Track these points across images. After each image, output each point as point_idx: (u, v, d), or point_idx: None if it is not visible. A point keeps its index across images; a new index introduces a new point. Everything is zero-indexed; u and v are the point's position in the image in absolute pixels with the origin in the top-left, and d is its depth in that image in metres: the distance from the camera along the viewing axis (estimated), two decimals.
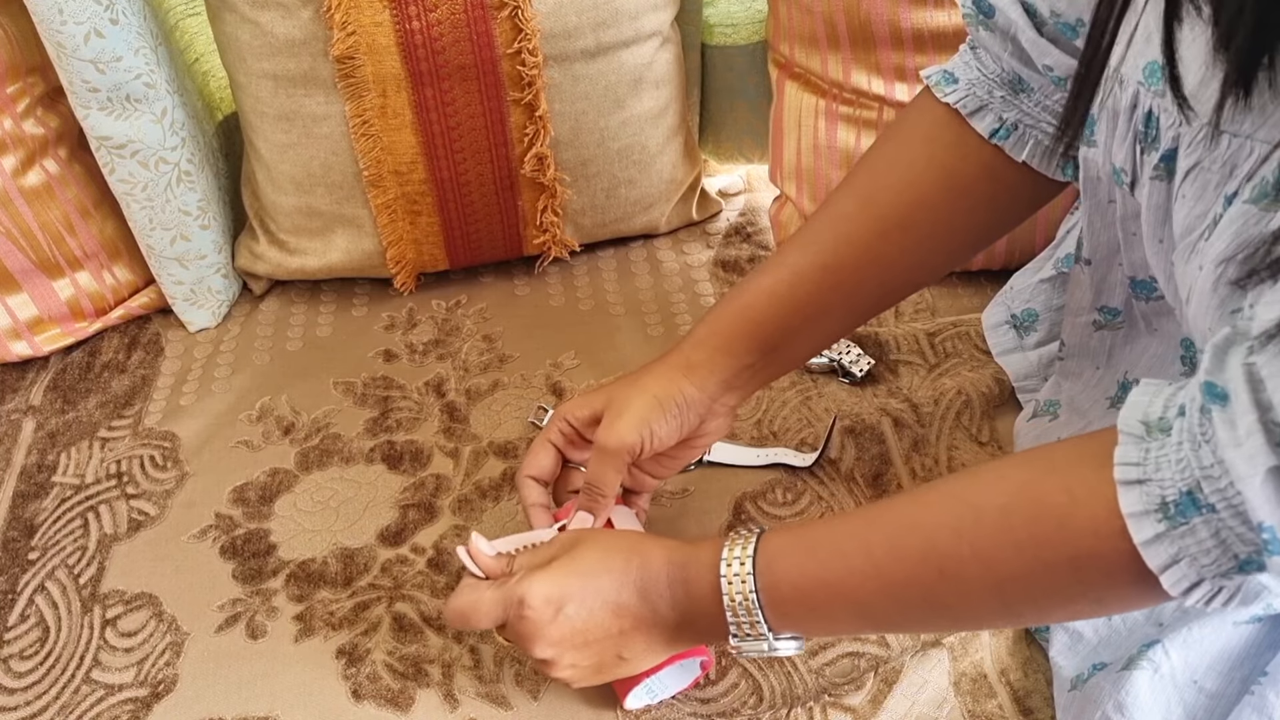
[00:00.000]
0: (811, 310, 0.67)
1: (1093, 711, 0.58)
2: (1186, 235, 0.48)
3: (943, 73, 0.65)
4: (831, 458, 0.82)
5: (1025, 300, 0.83)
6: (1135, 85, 0.52)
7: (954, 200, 0.65)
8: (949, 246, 0.68)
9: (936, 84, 0.65)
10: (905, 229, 0.65)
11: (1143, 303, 0.64)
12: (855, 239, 0.66)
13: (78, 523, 0.82)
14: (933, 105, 0.65)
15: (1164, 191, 0.51)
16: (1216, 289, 0.45)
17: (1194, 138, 0.48)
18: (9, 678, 0.72)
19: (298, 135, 0.93)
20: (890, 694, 0.66)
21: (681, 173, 1.05)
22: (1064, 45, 0.59)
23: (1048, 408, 0.74)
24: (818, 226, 0.67)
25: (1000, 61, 0.63)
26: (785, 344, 0.68)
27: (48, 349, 0.97)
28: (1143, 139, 0.52)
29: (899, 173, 0.66)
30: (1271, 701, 0.53)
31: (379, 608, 0.74)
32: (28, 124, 0.90)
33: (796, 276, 0.66)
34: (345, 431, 0.88)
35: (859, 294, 0.68)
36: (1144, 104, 0.51)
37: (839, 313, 0.68)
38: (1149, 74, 0.51)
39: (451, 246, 1.00)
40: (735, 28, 1.04)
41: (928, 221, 0.65)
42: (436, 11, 0.87)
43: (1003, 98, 0.63)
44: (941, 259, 0.69)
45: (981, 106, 0.63)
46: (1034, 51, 0.60)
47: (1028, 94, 0.63)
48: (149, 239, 0.95)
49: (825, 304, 0.67)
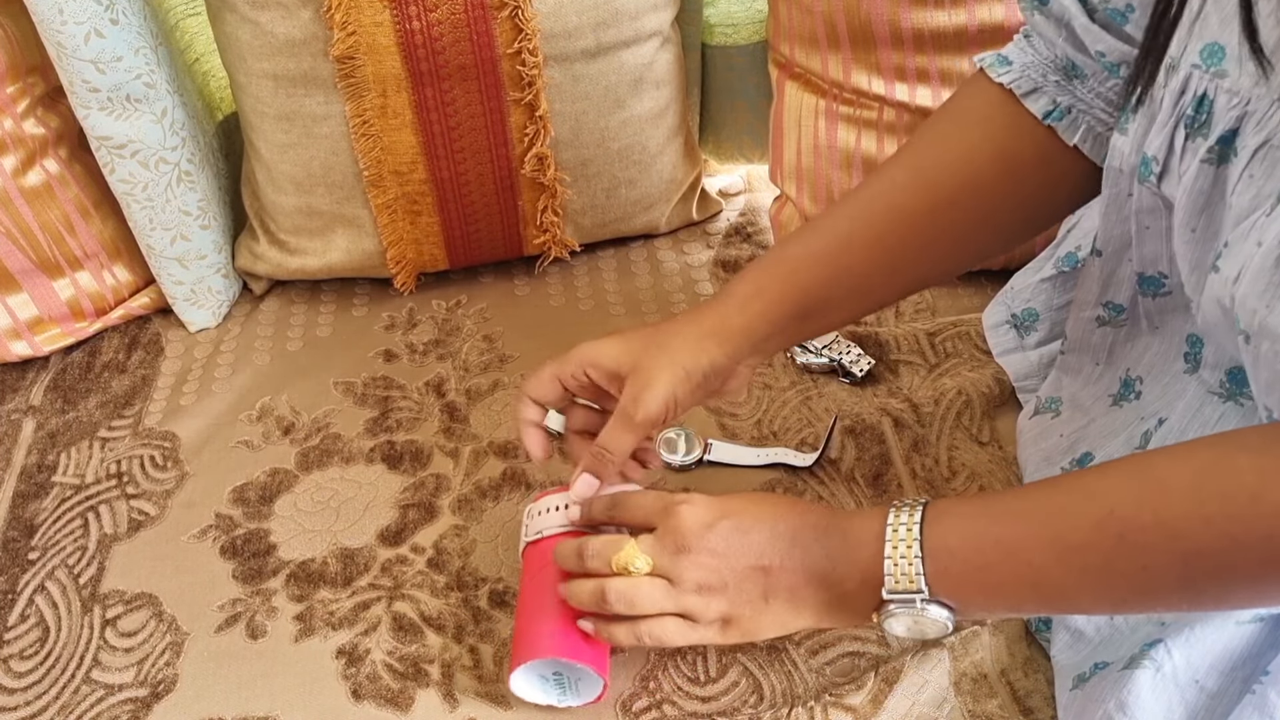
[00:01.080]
0: (854, 281, 0.66)
1: (1094, 710, 0.57)
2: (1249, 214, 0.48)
3: (997, 56, 0.65)
4: (832, 458, 0.82)
5: (1025, 300, 0.83)
6: (1188, 69, 0.51)
7: (1007, 181, 0.65)
8: (996, 229, 0.67)
9: (990, 65, 0.65)
10: (957, 206, 0.65)
11: (1149, 299, 0.64)
12: (907, 212, 0.65)
13: (78, 523, 0.82)
14: (987, 86, 0.65)
15: (1211, 176, 0.51)
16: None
17: (1264, 114, 0.47)
18: (9, 678, 0.72)
19: (298, 135, 0.93)
20: (891, 693, 0.66)
21: (682, 173, 1.05)
22: (1115, 31, 0.60)
23: (1049, 404, 0.74)
24: (868, 196, 0.66)
25: (1054, 48, 0.63)
26: (821, 312, 0.67)
27: (48, 349, 0.97)
28: (1189, 124, 0.52)
29: (953, 149, 0.65)
30: (1273, 701, 0.53)
31: (379, 608, 0.74)
32: (28, 124, 0.90)
33: (845, 244, 0.66)
34: (345, 431, 0.88)
35: (902, 269, 0.67)
36: (1196, 88, 0.51)
37: (880, 286, 0.68)
38: (1207, 55, 0.50)
39: (451, 246, 1.00)
40: (735, 28, 1.04)
41: (979, 201, 0.65)
42: (437, 11, 0.87)
43: (1056, 82, 0.63)
44: (987, 241, 0.68)
45: (1036, 88, 0.63)
46: (1087, 38, 0.60)
47: (1081, 80, 0.63)
48: (149, 239, 0.95)
49: (868, 275, 0.66)
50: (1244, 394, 0.58)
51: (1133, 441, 0.65)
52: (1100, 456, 0.68)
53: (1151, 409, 0.65)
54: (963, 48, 0.89)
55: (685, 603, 0.59)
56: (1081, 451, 0.70)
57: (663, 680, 0.68)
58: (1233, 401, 0.59)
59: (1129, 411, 0.67)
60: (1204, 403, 0.60)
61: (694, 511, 0.59)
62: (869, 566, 0.56)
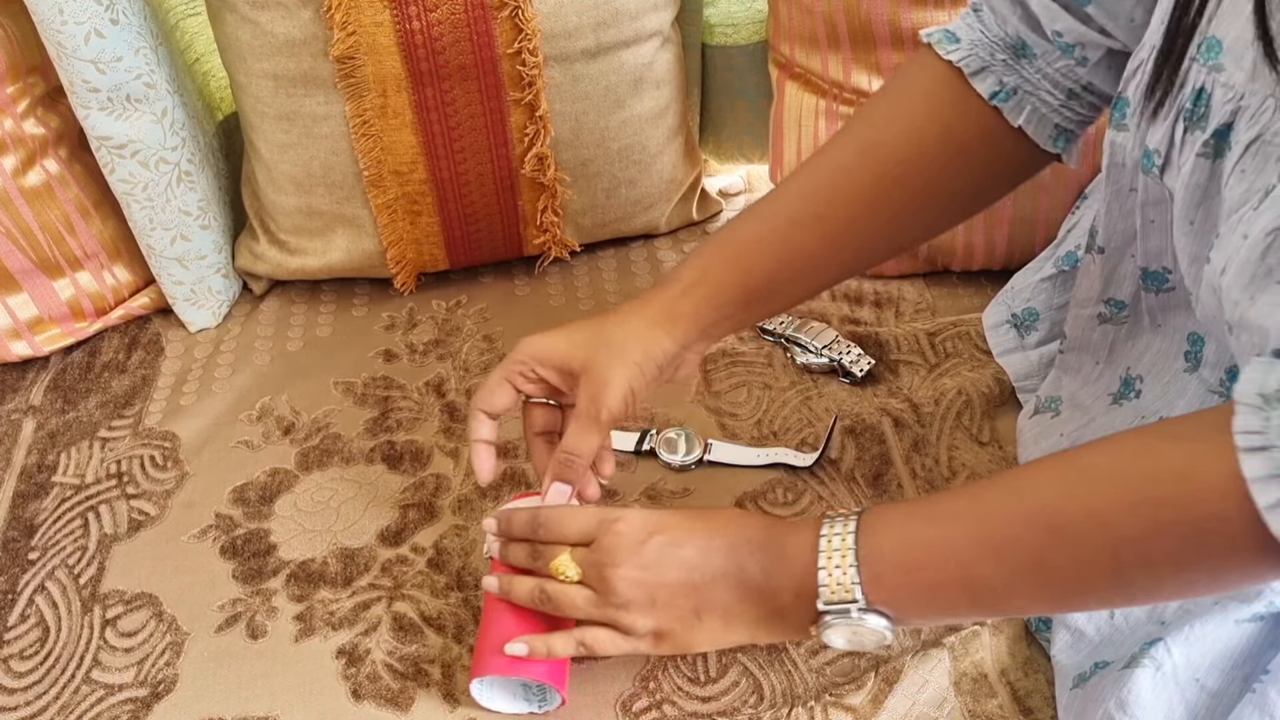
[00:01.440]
0: (801, 262, 0.66)
1: (1095, 710, 0.57)
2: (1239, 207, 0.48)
3: (944, 32, 0.65)
4: (832, 458, 0.82)
5: (1026, 299, 0.83)
6: (1188, 62, 0.51)
7: (952, 159, 0.65)
8: (943, 207, 0.67)
9: (938, 42, 0.65)
10: (902, 184, 0.65)
11: (1152, 295, 0.63)
12: (853, 191, 0.65)
13: (78, 523, 0.82)
14: (934, 63, 0.65)
15: (1207, 169, 0.51)
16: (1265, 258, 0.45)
17: (1257, 109, 0.48)
18: (9, 678, 0.72)
19: (298, 135, 0.93)
20: (891, 693, 0.66)
21: (682, 173, 1.05)
22: (1075, 11, 0.59)
23: (1049, 404, 0.74)
24: (813, 176, 0.66)
25: (1005, 25, 0.63)
26: (769, 295, 0.67)
27: (48, 349, 0.97)
28: (1188, 117, 0.52)
29: (899, 127, 0.65)
30: (1273, 699, 0.53)
31: (379, 608, 0.74)
32: (28, 124, 0.90)
33: (791, 226, 0.65)
34: (345, 431, 0.88)
35: (849, 249, 0.67)
36: (1195, 81, 0.51)
37: (826, 268, 0.67)
38: (1205, 50, 0.50)
39: (451, 246, 1.00)
40: (736, 28, 1.04)
41: (925, 178, 0.65)
42: (437, 11, 0.87)
43: (1004, 61, 0.63)
44: (932, 220, 0.68)
45: (983, 67, 0.63)
46: (1044, 16, 0.60)
47: (1029, 60, 0.62)
48: (149, 239, 0.95)
49: (815, 256, 0.66)
50: None
51: None
52: None
53: (1152, 408, 0.65)
54: None
55: (613, 615, 0.59)
56: None
57: (663, 680, 0.68)
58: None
59: (1129, 410, 0.67)
60: (1204, 401, 0.60)
61: (628, 527, 0.58)
62: (803, 578, 0.55)
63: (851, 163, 0.65)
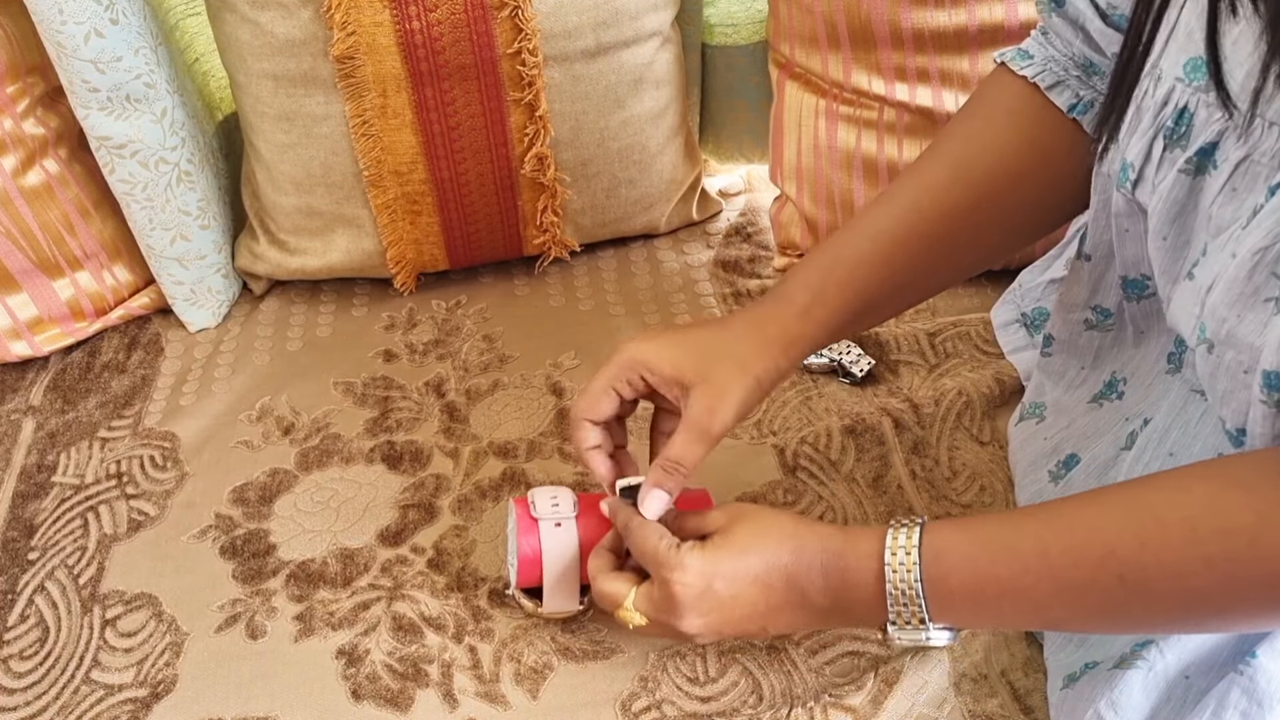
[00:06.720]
0: (901, 280, 0.67)
1: (1085, 709, 0.58)
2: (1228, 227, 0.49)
3: (1017, 50, 0.66)
4: (832, 459, 0.82)
5: (1036, 299, 0.83)
6: (1172, 81, 0.52)
7: (1038, 171, 0.66)
8: (1034, 219, 0.68)
9: (1012, 60, 0.66)
10: (997, 198, 0.66)
11: (1133, 303, 0.64)
12: (951, 208, 0.66)
13: (78, 523, 0.82)
14: (1010, 80, 0.66)
15: (1187, 186, 0.51)
16: (1252, 277, 0.45)
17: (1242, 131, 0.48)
18: (9, 678, 0.72)
19: (298, 135, 0.93)
20: (891, 694, 0.66)
21: (682, 173, 1.05)
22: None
23: (1033, 410, 0.74)
24: (912, 195, 0.67)
25: (1072, 46, 0.64)
26: (868, 314, 0.68)
27: (48, 349, 0.97)
28: (1168, 135, 0.52)
29: (988, 144, 0.66)
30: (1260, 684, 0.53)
31: (379, 608, 0.74)
32: (28, 124, 0.90)
33: (896, 245, 0.66)
34: (345, 431, 0.88)
35: (946, 265, 0.68)
36: (1178, 100, 0.52)
37: (924, 285, 0.69)
38: (1190, 70, 0.51)
39: (451, 246, 1.00)
40: (736, 28, 1.04)
41: (1018, 192, 0.66)
42: (436, 11, 0.87)
43: (1077, 77, 0.64)
44: (1028, 230, 0.69)
45: (1059, 81, 0.64)
46: (1103, 41, 0.62)
47: (1100, 76, 0.64)
48: (149, 239, 0.95)
49: (917, 275, 0.67)
50: None
51: (1119, 442, 0.65)
52: (1086, 458, 0.68)
53: (1135, 409, 0.65)
54: (963, 48, 0.89)
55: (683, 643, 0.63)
56: (1066, 453, 0.70)
57: (662, 680, 0.68)
58: None
59: (1110, 411, 0.67)
60: (1187, 401, 0.60)
61: (684, 582, 0.59)
62: (871, 606, 0.57)
63: (946, 180, 0.66)
